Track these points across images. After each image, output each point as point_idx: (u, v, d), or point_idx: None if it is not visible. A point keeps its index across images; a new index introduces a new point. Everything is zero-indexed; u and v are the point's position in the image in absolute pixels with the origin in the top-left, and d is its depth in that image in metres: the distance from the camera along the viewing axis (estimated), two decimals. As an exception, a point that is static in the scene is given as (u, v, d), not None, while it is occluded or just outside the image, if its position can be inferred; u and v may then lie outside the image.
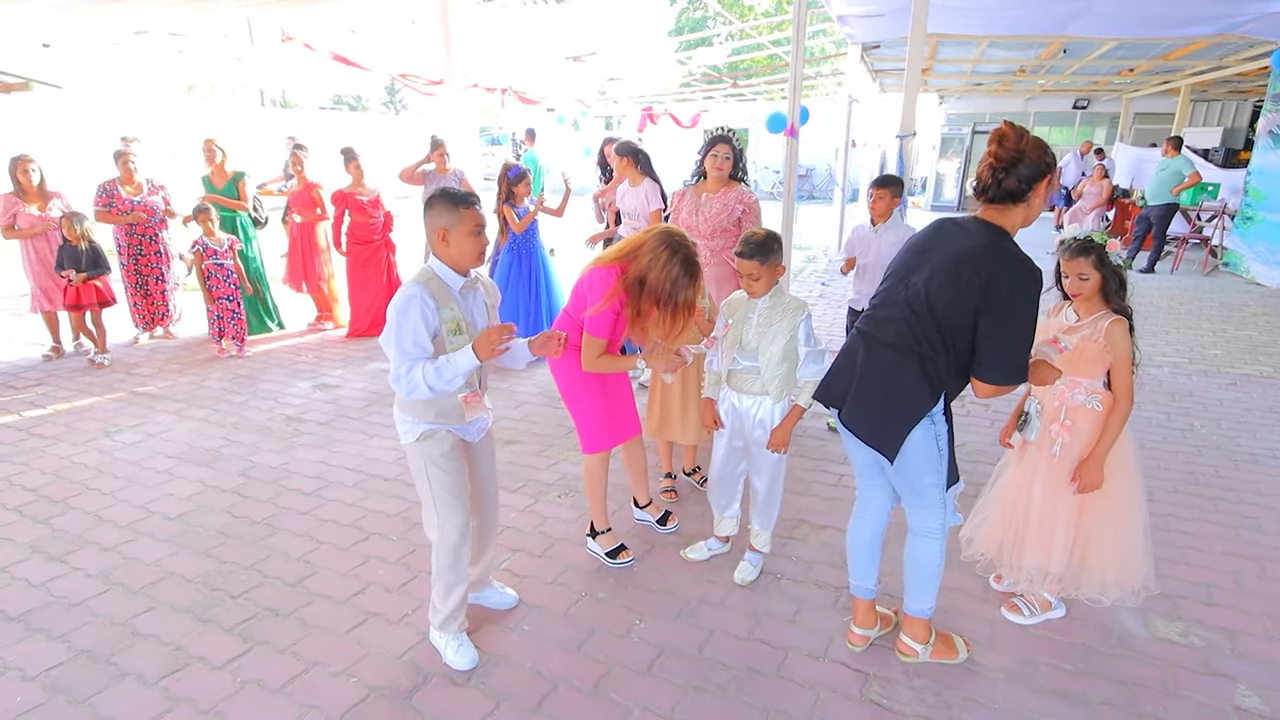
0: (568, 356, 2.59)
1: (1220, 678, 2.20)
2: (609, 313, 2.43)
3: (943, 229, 2.02)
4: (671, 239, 2.37)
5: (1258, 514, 3.17)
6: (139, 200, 5.40)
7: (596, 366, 2.52)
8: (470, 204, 2.02)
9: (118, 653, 2.27)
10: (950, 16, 7.65)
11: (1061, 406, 2.31)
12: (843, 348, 2.15)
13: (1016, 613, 2.45)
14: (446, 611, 2.21)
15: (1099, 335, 2.21)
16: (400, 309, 1.97)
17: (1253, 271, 8.40)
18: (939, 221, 2.06)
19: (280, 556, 2.81)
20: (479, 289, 2.16)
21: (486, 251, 2.14)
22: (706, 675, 2.18)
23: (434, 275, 2.05)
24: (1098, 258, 2.21)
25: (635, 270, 2.37)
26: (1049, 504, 2.34)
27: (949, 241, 1.95)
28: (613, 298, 2.40)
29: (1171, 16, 7.26)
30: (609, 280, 2.42)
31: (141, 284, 5.66)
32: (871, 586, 2.28)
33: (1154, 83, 13.22)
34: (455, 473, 2.16)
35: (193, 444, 3.85)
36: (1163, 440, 3.94)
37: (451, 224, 2.00)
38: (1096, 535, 2.32)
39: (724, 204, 3.64)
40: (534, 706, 2.06)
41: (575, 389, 2.63)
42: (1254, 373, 5.09)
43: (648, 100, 16.50)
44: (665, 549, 2.88)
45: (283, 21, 7.02)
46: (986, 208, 1.94)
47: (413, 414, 2.11)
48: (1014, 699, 2.11)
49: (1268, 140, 8.26)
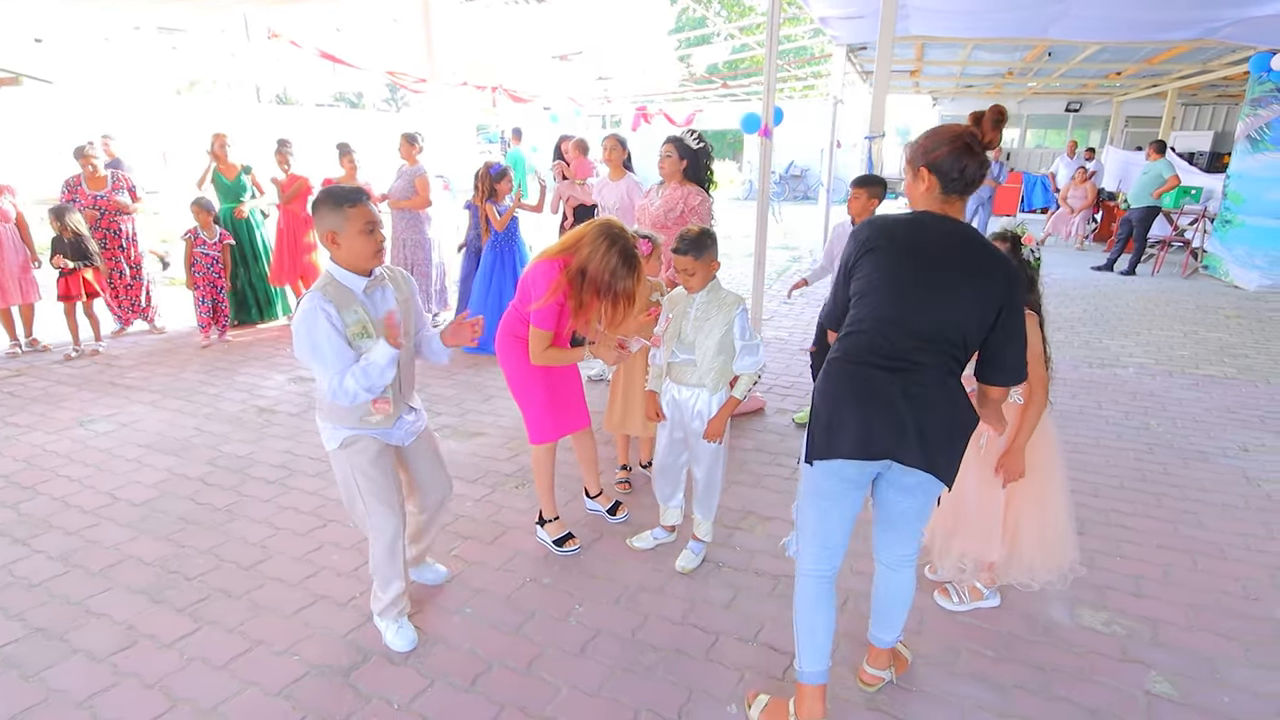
0: (515, 348, 2.67)
1: (1136, 664, 2.27)
2: (554, 305, 2.50)
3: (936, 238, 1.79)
4: (610, 230, 2.45)
5: (1199, 510, 3.24)
6: (101, 195, 5.46)
7: (544, 359, 2.59)
8: (356, 201, 1.94)
9: (71, 631, 2.35)
10: (933, 19, 7.72)
11: None
12: (859, 392, 1.77)
13: (946, 597, 2.53)
14: (386, 600, 2.28)
15: None
16: (305, 323, 1.92)
17: (1231, 274, 8.46)
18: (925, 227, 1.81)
19: (238, 541, 2.89)
20: (386, 286, 2.10)
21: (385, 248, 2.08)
22: (636, 657, 2.26)
23: (332, 280, 1.99)
24: (1012, 246, 2.26)
25: (576, 262, 2.45)
26: (980, 495, 2.39)
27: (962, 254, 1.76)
28: (557, 290, 2.48)
29: (1150, 21, 7.32)
30: (553, 273, 2.49)
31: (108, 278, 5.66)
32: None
33: (1143, 86, 13.29)
34: (383, 478, 2.15)
35: (164, 434, 3.93)
36: (1116, 438, 4.01)
37: (338, 225, 1.93)
38: (1025, 522, 2.38)
39: (667, 200, 3.77)
40: (467, 685, 2.14)
41: (522, 381, 2.70)
42: (1217, 373, 5.16)
43: (642, 100, 16.56)
44: (614, 538, 2.96)
45: (268, 19, 7.10)
46: (953, 201, 1.80)
47: (334, 420, 2.12)
48: (931, 682, 2.18)
49: (1246, 144, 8.33)
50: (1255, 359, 5.53)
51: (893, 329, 1.76)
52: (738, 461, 3.62)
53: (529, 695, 2.10)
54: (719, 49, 14.50)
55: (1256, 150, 8.23)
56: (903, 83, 13.63)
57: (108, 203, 5.47)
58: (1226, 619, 2.49)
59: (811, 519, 1.91)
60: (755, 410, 4.25)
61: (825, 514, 1.89)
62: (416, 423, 2.32)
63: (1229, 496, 3.37)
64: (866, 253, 1.83)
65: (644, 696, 2.10)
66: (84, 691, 2.09)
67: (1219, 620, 2.48)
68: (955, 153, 1.76)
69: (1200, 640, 2.38)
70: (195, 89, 24.14)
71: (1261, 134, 8.16)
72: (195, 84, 24.09)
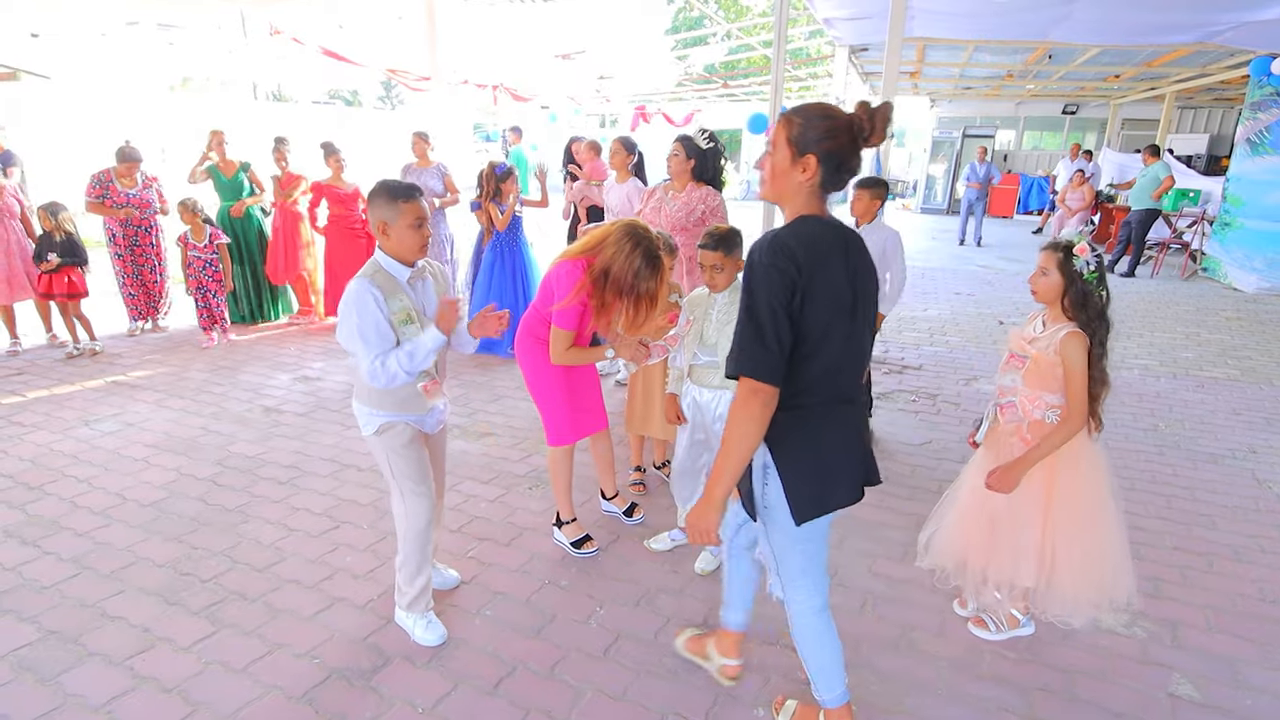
0: (535, 349, 2.65)
1: (1158, 667, 2.27)
2: (576, 306, 2.49)
3: (847, 243, 1.63)
4: (634, 231, 2.43)
5: (1211, 511, 3.26)
6: (134, 194, 5.43)
7: (565, 359, 2.58)
8: (410, 197, 2.03)
9: (86, 634, 2.32)
10: (935, 21, 7.74)
11: (1025, 419, 2.21)
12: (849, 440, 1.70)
13: (983, 627, 2.40)
14: (413, 593, 2.28)
15: (1054, 346, 2.10)
16: (353, 304, 2.01)
17: (1230, 277, 8.52)
18: (840, 232, 1.63)
19: (251, 543, 2.86)
20: (427, 279, 2.19)
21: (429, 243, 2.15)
22: (659, 660, 2.24)
23: (379, 268, 2.07)
24: (1063, 258, 2.10)
25: (600, 263, 2.44)
26: (1011, 516, 2.23)
27: (863, 258, 1.66)
28: (580, 291, 2.46)
29: (1151, 24, 7.36)
30: (575, 274, 2.48)
31: (138, 276, 5.68)
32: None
33: (1140, 89, 13.37)
34: (417, 460, 2.22)
35: (171, 433, 3.89)
36: (1126, 440, 4.03)
37: (391, 217, 2.02)
38: (1062, 550, 2.19)
39: (685, 203, 3.76)
40: (490, 688, 2.12)
41: (541, 382, 2.69)
42: (1221, 376, 5.19)
43: (641, 99, 16.56)
44: (630, 539, 2.95)
45: (270, 16, 7.05)
46: (824, 199, 1.62)
47: (372, 405, 2.17)
48: (956, 684, 2.18)
49: (1246, 147, 8.38)
50: (1258, 361, 5.57)
51: (851, 363, 1.66)
52: (750, 463, 3.61)
53: (553, 699, 2.08)
54: (716, 49, 14.51)
55: (1256, 153, 8.29)
56: (902, 84, 13.66)
57: (139, 201, 5.45)
58: (1245, 621, 2.50)
59: (799, 563, 1.77)
60: None
61: (813, 555, 1.78)
62: (444, 413, 2.36)
63: (1239, 498, 3.38)
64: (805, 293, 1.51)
65: (669, 700, 2.09)
66: (102, 696, 2.06)
67: (1237, 622, 2.49)
68: (851, 145, 1.54)
69: (1220, 642, 2.38)
70: (188, 86, 23.96)
71: (1261, 137, 8.22)
72: (187, 81, 23.91)
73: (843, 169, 1.55)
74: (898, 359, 5.46)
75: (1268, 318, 7.03)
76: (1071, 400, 2.10)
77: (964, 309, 7.11)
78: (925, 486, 3.39)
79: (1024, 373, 2.18)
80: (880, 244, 3.65)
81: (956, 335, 6.12)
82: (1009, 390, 2.25)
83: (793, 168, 1.55)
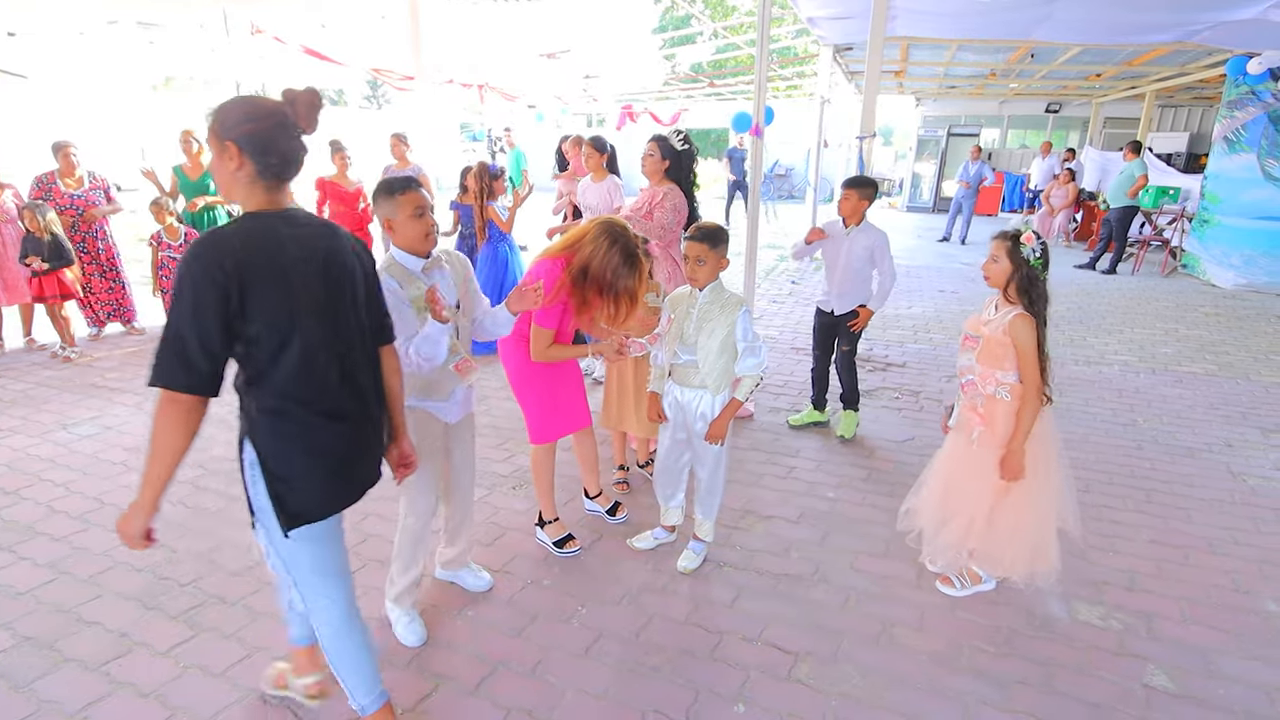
0: (517, 347, 2.65)
1: (1134, 658, 2.30)
2: (557, 304, 2.49)
3: (315, 239, 1.58)
4: (612, 229, 2.44)
5: (1188, 505, 3.30)
6: (78, 195, 5.32)
7: (546, 356, 2.58)
8: (406, 189, 2.06)
9: (61, 639, 2.29)
10: (918, 20, 7.78)
11: (978, 396, 2.42)
12: (321, 436, 1.62)
13: (948, 584, 2.60)
14: (402, 586, 2.31)
15: (1003, 326, 2.31)
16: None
17: (1208, 273, 8.63)
18: (303, 227, 1.57)
19: (231, 545, 2.84)
20: (444, 268, 2.20)
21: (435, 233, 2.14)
22: (641, 658, 2.25)
23: (394, 261, 2.13)
24: (1011, 246, 2.28)
25: (578, 260, 2.45)
26: (963, 485, 2.47)
27: (339, 256, 1.63)
28: (560, 290, 2.46)
29: (1131, 23, 7.43)
30: (555, 271, 2.48)
31: (89, 280, 5.52)
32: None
33: (1121, 88, 13.51)
34: (427, 457, 2.21)
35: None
36: (1105, 435, 4.07)
37: (392, 212, 2.06)
38: (1000, 517, 2.41)
39: (646, 196, 3.78)
40: (472, 688, 2.12)
41: (523, 380, 2.68)
42: (1199, 371, 5.26)
43: (628, 98, 16.55)
44: (614, 539, 2.95)
45: (252, 14, 6.99)
46: (279, 187, 1.56)
47: None
48: (936, 678, 2.20)
49: (1223, 145, 8.49)
50: (1235, 356, 5.65)
51: (340, 364, 1.61)
52: (735, 460, 3.62)
53: (535, 698, 2.08)
54: (703, 48, 14.52)
55: (1233, 151, 8.40)
56: (887, 83, 13.73)
57: (85, 203, 5.34)
58: (1219, 612, 2.53)
59: (310, 565, 1.67)
60: (744, 417, 4.24)
61: (326, 558, 1.69)
62: (468, 400, 2.36)
63: (1215, 491, 3.43)
64: (245, 296, 1.43)
65: (650, 697, 2.09)
66: (78, 702, 2.04)
67: (1211, 614, 2.53)
68: (275, 129, 1.49)
69: (1194, 633, 2.42)
70: (170, 85, 23.69)
71: (1238, 135, 8.33)
72: (170, 80, 23.65)
73: (271, 153, 1.49)
74: (882, 357, 5.49)
75: (1245, 313, 7.13)
76: (1026, 377, 2.30)
77: (948, 306, 7.17)
78: (908, 483, 3.36)
79: (977, 353, 2.37)
80: (868, 245, 3.67)
81: (940, 333, 6.17)
82: (967, 369, 2.46)
83: (220, 160, 1.50)
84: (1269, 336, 6.26)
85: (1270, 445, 3.97)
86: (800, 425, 4.11)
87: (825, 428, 4.12)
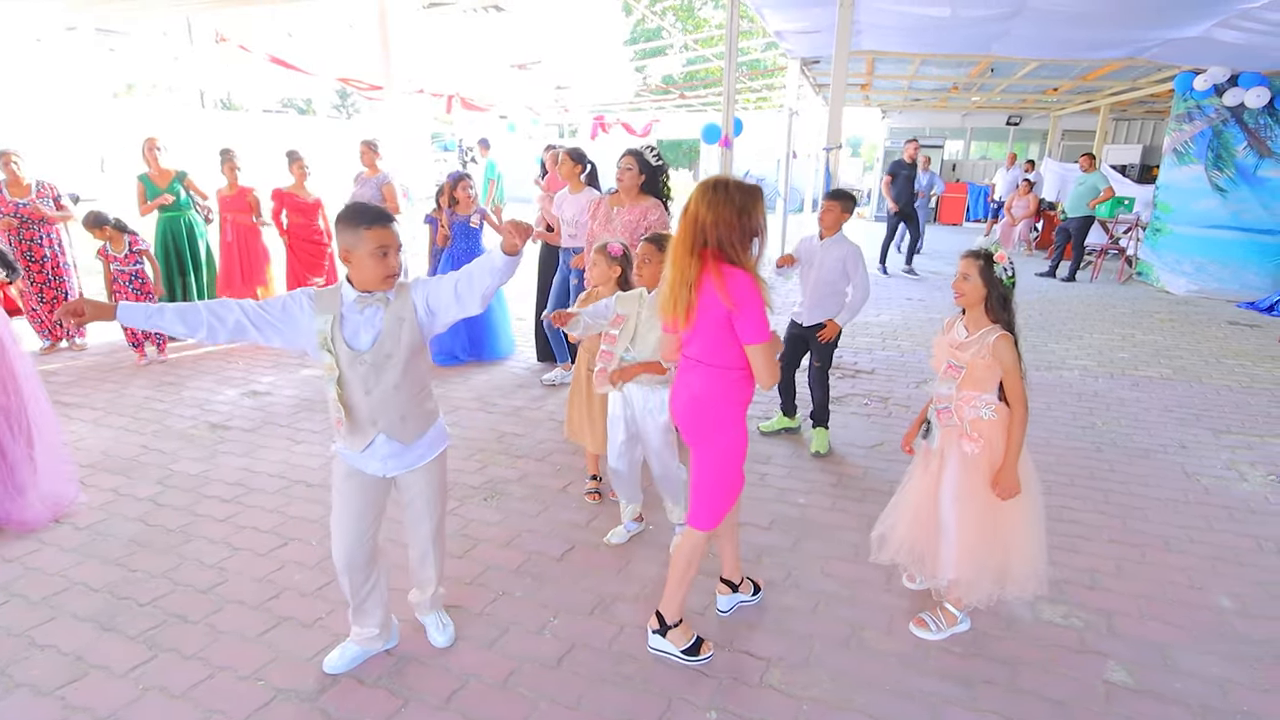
0: (733, 412, 2.12)
1: (1095, 655, 2.36)
2: (761, 304, 2.03)
3: None
4: (705, 185, 2.06)
5: (1144, 505, 3.41)
6: (24, 203, 5.17)
7: (775, 367, 2.10)
8: (373, 223, 1.87)
9: (13, 664, 2.21)
10: (883, 35, 7.98)
11: (963, 421, 2.33)
12: None
13: (923, 627, 2.44)
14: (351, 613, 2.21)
15: (986, 351, 2.26)
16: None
17: (1162, 280, 8.94)
18: None
19: (193, 564, 2.77)
20: (380, 307, 1.95)
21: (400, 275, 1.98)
22: (615, 668, 2.24)
23: (337, 287, 1.98)
24: (984, 265, 2.26)
25: (710, 239, 2.01)
26: (963, 512, 2.32)
27: None
28: (756, 287, 2.02)
29: (1084, 40, 7.71)
30: (745, 280, 2.02)
31: (39, 293, 5.35)
32: None
33: (1078, 102, 13.97)
34: (342, 501, 2.07)
35: (109, 452, 3.74)
36: (1066, 438, 4.18)
37: (354, 244, 1.88)
38: (1015, 539, 2.31)
39: (632, 215, 3.86)
40: (442, 703, 2.09)
41: (737, 448, 2.15)
42: (1155, 375, 5.44)
43: (600, 109, 16.63)
44: (586, 548, 2.94)
45: (217, 23, 6.89)
46: None
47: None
48: (904, 680, 2.23)
49: (1173, 157, 8.82)
50: (1188, 360, 5.85)
51: None
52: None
53: (506, 711, 2.06)
54: (674, 60, 14.68)
55: (1182, 163, 8.73)
56: (853, 95, 14.01)
57: (31, 211, 5.19)
58: (1174, 609, 2.62)
59: None
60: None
61: None
62: (403, 458, 2.07)
63: (1170, 491, 3.54)
64: None
65: (623, 707, 2.09)
66: (30, 728, 1.97)
67: (1168, 610, 2.60)
68: None
69: (1152, 629, 2.49)
70: (133, 93, 23.21)
71: (1186, 148, 8.66)
72: (132, 88, 23.18)
73: None
74: (850, 364, 5.58)
75: (1197, 318, 7.40)
76: (1014, 395, 2.29)
77: (915, 314, 7.31)
78: (877, 488, 3.46)
79: (960, 381, 2.32)
80: (840, 256, 3.74)
81: (908, 340, 6.28)
82: (944, 398, 2.39)
83: None
84: (1219, 341, 6.50)
85: (1221, 446, 4.11)
86: (771, 432, 4.15)
87: (796, 434, 4.17)
